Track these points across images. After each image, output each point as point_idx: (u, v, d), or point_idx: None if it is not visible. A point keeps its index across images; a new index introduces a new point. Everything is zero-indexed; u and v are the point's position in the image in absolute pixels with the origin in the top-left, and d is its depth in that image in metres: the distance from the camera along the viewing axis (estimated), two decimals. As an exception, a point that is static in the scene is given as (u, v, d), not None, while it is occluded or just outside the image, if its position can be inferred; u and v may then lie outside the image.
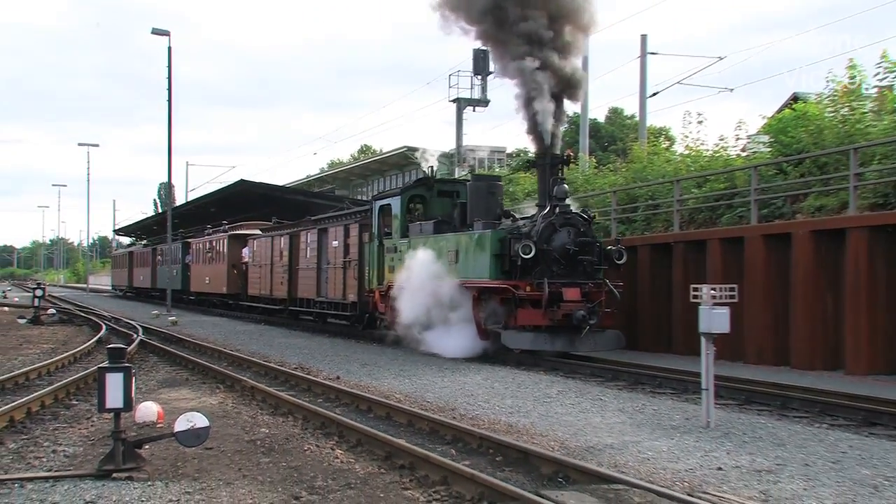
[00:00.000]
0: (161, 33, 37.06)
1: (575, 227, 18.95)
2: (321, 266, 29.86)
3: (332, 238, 28.51)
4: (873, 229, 17.54)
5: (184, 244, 49.15)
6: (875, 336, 17.25)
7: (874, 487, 8.24)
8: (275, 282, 34.69)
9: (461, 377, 16.51)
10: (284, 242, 33.65)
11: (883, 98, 21.72)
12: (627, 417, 11.98)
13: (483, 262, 19.40)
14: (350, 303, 26.85)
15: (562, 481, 8.67)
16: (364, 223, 26.40)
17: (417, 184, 24.45)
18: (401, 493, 8.40)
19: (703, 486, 8.25)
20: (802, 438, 10.50)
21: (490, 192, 21.56)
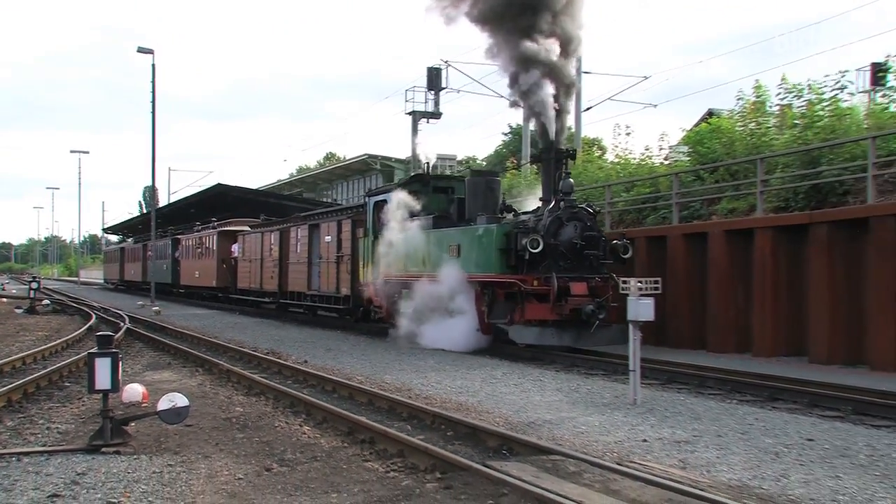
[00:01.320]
0: (145, 52, 36.55)
1: (581, 222, 17.14)
2: (312, 260, 28.07)
3: (324, 234, 26.69)
4: (776, 229, 17.82)
5: (173, 240, 47.65)
6: (778, 322, 17.48)
7: (776, 454, 8.35)
8: (265, 276, 32.96)
9: (416, 361, 16.47)
10: (275, 238, 31.92)
11: (784, 115, 22.06)
12: (564, 396, 12.01)
13: (488, 256, 17.58)
14: (343, 296, 25.11)
15: (506, 453, 8.68)
16: (357, 219, 24.72)
17: (413, 180, 22.39)
18: (362, 465, 8.36)
19: (630, 456, 8.29)
20: (716, 413, 10.59)
21: (488, 188, 19.77)
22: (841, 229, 16.50)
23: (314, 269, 27.71)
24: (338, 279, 25.17)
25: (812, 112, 20.54)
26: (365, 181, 61.34)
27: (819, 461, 8.05)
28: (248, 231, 36.25)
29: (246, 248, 35.54)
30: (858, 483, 7.27)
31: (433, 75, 35.11)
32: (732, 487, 7.17)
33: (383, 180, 55.70)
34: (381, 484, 7.60)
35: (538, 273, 16.68)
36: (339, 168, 66.15)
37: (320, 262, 26.82)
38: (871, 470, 7.73)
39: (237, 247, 36.86)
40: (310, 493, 7.25)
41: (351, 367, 15.42)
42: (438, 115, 37.75)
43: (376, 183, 57.47)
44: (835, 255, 16.56)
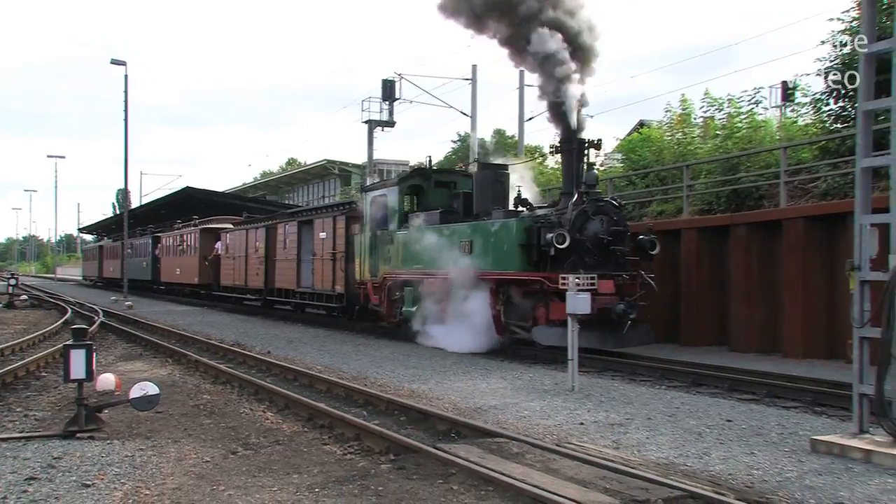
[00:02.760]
0: (118, 63, 35.94)
1: (607, 216, 15.05)
2: (301, 258, 25.71)
3: (318, 230, 24.25)
4: (700, 229, 18.08)
5: (153, 238, 45.51)
6: (702, 314, 17.71)
7: (699, 434, 8.45)
8: (250, 273, 30.50)
9: (372, 351, 16.42)
10: (260, 235, 29.46)
11: (707, 126, 22.41)
12: (508, 384, 12.05)
13: (507, 252, 15.28)
14: (337, 294, 22.76)
15: (454, 436, 8.69)
16: (351, 215, 22.36)
17: (414, 174, 20.18)
18: (321, 448, 8.32)
19: (568, 438, 8.34)
20: (646, 398, 10.70)
21: (498, 181, 17.50)
22: (757, 230, 16.78)
23: (305, 266, 25.51)
24: (333, 277, 22.94)
25: (732, 124, 20.91)
26: (324, 185, 61.15)
27: (737, 440, 8.17)
28: (232, 228, 34.09)
29: (229, 245, 33.36)
30: (770, 459, 7.40)
31: (388, 87, 35.10)
32: (660, 465, 7.25)
33: (341, 184, 55.55)
34: (339, 465, 7.56)
35: (563, 270, 14.32)
36: (299, 173, 65.86)
37: (313, 259, 24.53)
38: (781, 447, 7.87)
39: (220, 244, 34.80)
40: (272, 475, 7.19)
41: (311, 358, 15.33)
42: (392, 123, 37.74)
43: (334, 187, 57.25)
44: (752, 254, 16.84)
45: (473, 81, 33.46)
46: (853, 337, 7.74)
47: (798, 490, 6.42)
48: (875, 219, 7.67)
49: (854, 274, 7.69)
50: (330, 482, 6.91)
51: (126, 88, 35.83)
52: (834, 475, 6.83)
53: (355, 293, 21.42)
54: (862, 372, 7.58)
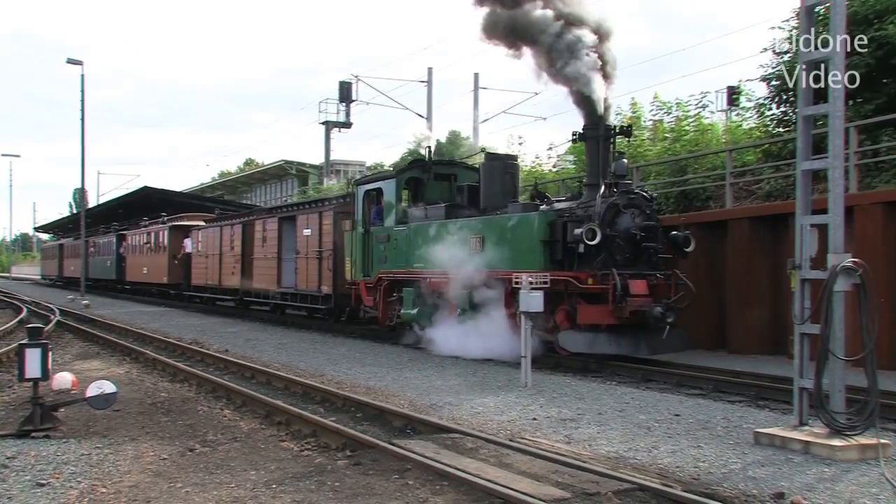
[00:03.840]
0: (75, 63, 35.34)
1: (639, 209, 13.49)
2: (283, 256, 23.66)
3: (301, 227, 22.28)
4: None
5: (118, 236, 43.12)
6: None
7: (648, 428, 8.55)
8: (224, 272, 28.18)
9: (329, 349, 16.36)
10: (236, 232, 27.27)
11: (656, 129, 22.68)
12: (463, 380, 12.07)
13: (527, 249, 13.72)
14: (324, 295, 20.82)
15: (410, 432, 8.70)
16: (340, 211, 20.48)
17: (413, 165, 18.36)
18: (278, 445, 8.28)
19: (522, 433, 8.38)
20: (597, 393, 10.78)
21: (507, 173, 15.87)
22: (704, 230, 16.98)
23: (286, 266, 23.52)
24: (319, 276, 20.96)
25: (680, 127, 21.19)
26: (281, 185, 60.80)
27: (684, 433, 8.28)
28: (204, 226, 31.88)
29: (201, 242, 31.07)
30: (716, 451, 7.51)
31: (344, 89, 35.03)
32: (610, 459, 7.32)
33: (298, 184, 55.22)
34: (296, 461, 7.54)
35: (592, 269, 13.04)
36: (257, 173, 65.38)
37: (297, 257, 22.54)
38: (726, 439, 7.99)
39: (190, 241, 32.61)
40: (230, 471, 7.14)
41: (268, 356, 15.23)
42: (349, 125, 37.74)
43: (292, 187, 56.88)
44: (699, 253, 17.01)
45: (429, 84, 33.52)
46: (794, 333, 7.88)
47: (742, 481, 6.53)
48: (815, 219, 7.82)
49: (795, 273, 7.83)
50: (287, 478, 6.88)
51: (83, 88, 35.27)
52: (775, 466, 6.96)
53: (345, 294, 19.68)
54: (802, 367, 7.72)
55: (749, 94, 21.54)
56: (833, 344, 7.40)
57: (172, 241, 34.23)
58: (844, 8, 7.71)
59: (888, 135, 15.01)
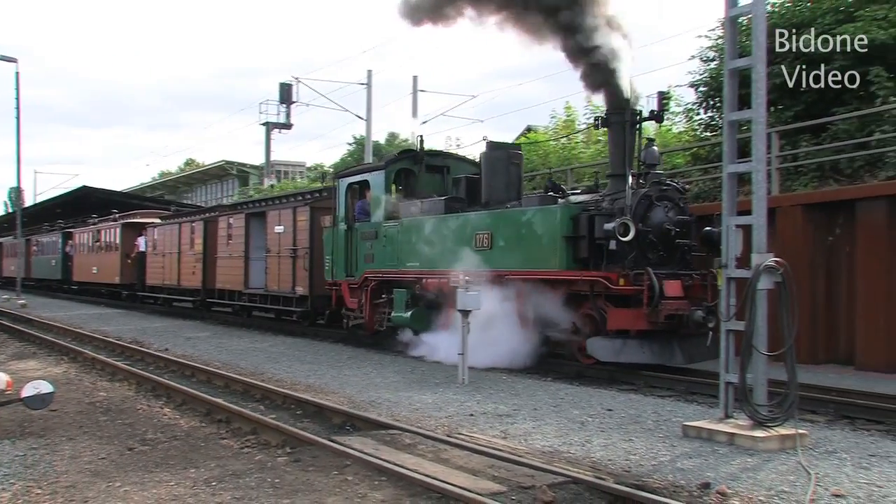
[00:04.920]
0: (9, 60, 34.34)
1: (673, 203, 12.06)
2: (251, 255, 21.58)
3: (272, 223, 20.40)
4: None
5: (64, 234, 40.15)
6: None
7: (582, 423, 8.63)
8: (184, 271, 25.96)
9: (269, 347, 16.20)
10: (197, 229, 25.22)
11: (589, 132, 22.96)
12: (402, 378, 12.05)
13: (547, 246, 12.22)
14: (299, 296, 19.01)
15: (349, 429, 8.66)
16: (317, 206, 18.75)
17: (403, 156, 16.52)
18: (218, 442, 8.17)
19: (459, 429, 8.40)
20: (533, 390, 10.85)
21: (512, 164, 14.15)
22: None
23: (255, 265, 21.52)
24: (293, 276, 19.16)
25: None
26: (222, 185, 60.10)
27: (616, 427, 8.39)
28: (160, 223, 29.76)
29: (157, 240, 28.74)
30: (646, 444, 7.62)
31: (285, 90, 34.75)
32: (545, 453, 7.38)
33: (239, 184, 54.64)
34: (236, 459, 7.45)
35: (624, 268, 11.49)
36: (198, 173, 64.58)
37: (267, 256, 20.56)
38: (656, 433, 8.11)
39: (143, 239, 30.20)
40: (169, 470, 7.02)
41: (209, 355, 15.01)
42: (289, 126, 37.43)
43: (233, 187, 56.25)
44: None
45: (369, 86, 33.40)
46: (721, 330, 8.04)
47: (671, 472, 6.64)
48: (740, 220, 7.99)
49: (721, 272, 7.99)
50: (227, 476, 6.79)
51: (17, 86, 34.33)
52: (702, 457, 7.09)
53: (323, 295, 18.00)
54: (728, 362, 7.88)
55: (678, 99, 21.93)
56: (756, 340, 7.56)
57: (125, 239, 31.85)
58: (765, 19, 7.89)
59: (806, 140, 15.45)
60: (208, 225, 24.67)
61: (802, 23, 15.84)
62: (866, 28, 14.70)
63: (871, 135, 14.45)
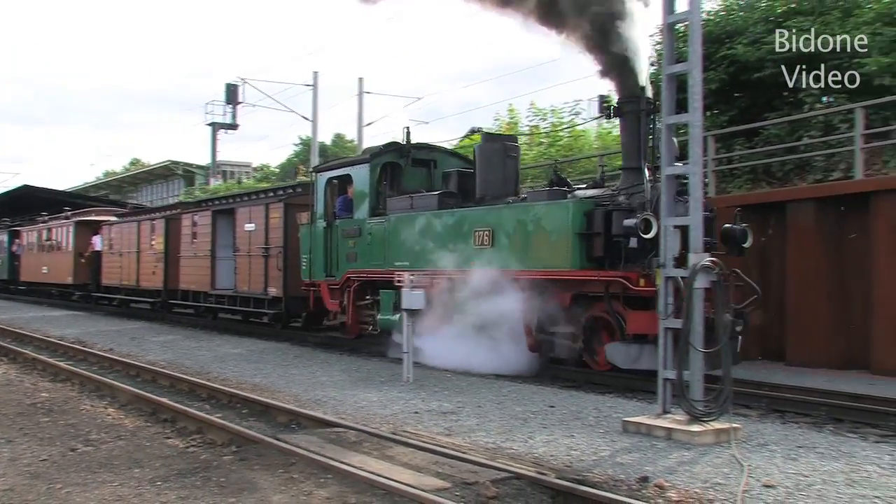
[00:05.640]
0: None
1: None
2: (218, 254, 20.28)
3: (242, 221, 19.15)
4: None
5: (10, 233, 37.96)
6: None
7: (524, 420, 8.66)
8: (143, 271, 24.32)
9: (216, 347, 15.97)
10: (158, 227, 23.67)
11: (532, 134, 23.14)
12: (347, 376, 11.97)
13: (557, 244, 11.18)
14: (272, 298, 17.83)
15: (295, 427, 8.60)
16: (292, 203, 17.62)
17: (389, 149, 15.01)
18: (164, 442, 8.04)
19: (404, 427, 8.38)
20: (477, 387, 10.84)
21: (509, 157, 13.27)
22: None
23: (222, 264, 20.21)
24: (266, 277, 17.93)
25: (555, 133, 21.66)
26: (167, 185, 59.23)
27: (558, 423, 8.44)
28: (117, 221, 28.11)
29: (114, 239, 27.04)
30: (587, 440, 7.68)
31: (231, 90, 34.38)
32: (489, 449, 7.39)
33: (185, 185, 53.85)
34: (181, 458, 7.33)
35: (643, 268, 10.27)
36: (143, 173, 63.49)
37: (237, 255, 19.29)
38: (597, 428, 8.18)
39: (99, 238, 28.39)
40: (113, 470, 6.88)
41: (154, 354, 14.75)
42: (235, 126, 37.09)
43: (178, 187, 55.40)
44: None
45: (315, 87, 33.24)
46: (659, 327, 8.14)
47: (611, 467, 6.71)
48: (677, 221, 8.11)
49: (660, 271, 8.10)
50: (172, 475, 6.68)
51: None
52: (641, 452, 7.18)
53: (298, 297, 16.93)
54: (666, 359, 7.99)
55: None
56: (693, 337, 7.68)
57: (79, 238, 29.83)
58: (701, 26, 8.02)
59: (740, 144, 15.77)
60: (171, 223, 23.29)
61: (736, 31, 16.17)
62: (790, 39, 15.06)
63: (800, 139, 14.81)
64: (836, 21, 14.89)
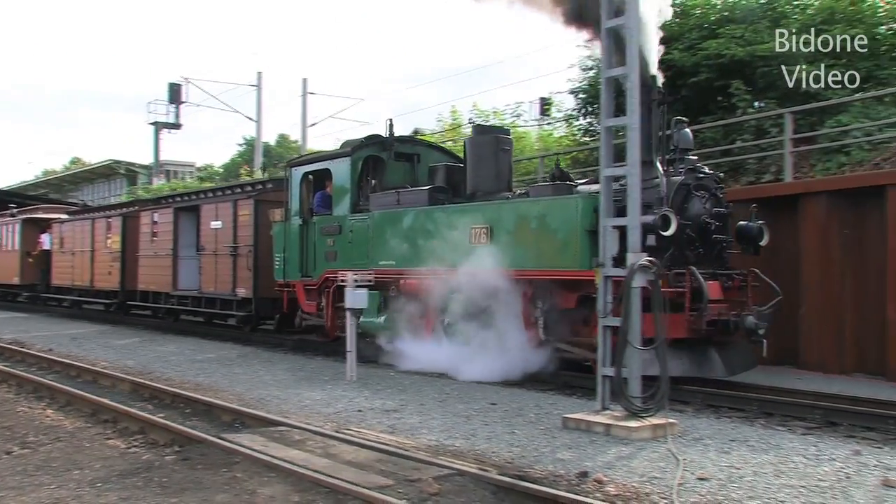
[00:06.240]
0: None
1: (710, 193, 10.35)
2: (180, 253, 19.18)
3: (207, 218, 18.12)
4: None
5: None
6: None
7: (467, 417, 8.68)
8: (98, 271, 22.95)
9: (157, 346, 15.70)
10: (115, 225, 22.36)
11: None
12: (291, 375, 11.88)
13: (564, 242, 10.25)
14: (241, 299, 16.77)
15: (239, 426, 8.48)
16: (263, 199, 16.61)
17: (371, 141, 13.96)
18: (104, 443, 7.87)
19: (347, 424, 8.34)
20: (419, 385, 10.84)
21: (501, 150, 12.29)
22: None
23: (185, 264, 19.08)
24: (234, 277, 16.91)
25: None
26: (109, 185, 58.08)
27: (500, 420, 8.47)
28: (69, 218, 26.58)
29: (65, 238, 25.56)
30: (528, 436, 7.73)
31: (174, 90, 33.89)
32: (431, 446, 7.39)
33: (127, 184, 52.85)
34: (122, 459, 7.19)
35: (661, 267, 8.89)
36: (84, 172, 62.10)
37: (201, 254, 18.27)
38: (538, 425, 8.24)
39: (48, 237, 27.03)
40: (51, 472, 6.71)
41: (95, 354, 14.43)
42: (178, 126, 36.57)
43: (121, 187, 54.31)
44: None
45: (259, 87, 32.95)
46: (598, 325, 8.23)
47: (551, 462, 6.76)
48: (616, 222, 8.21)
49: (599, 271, 8.19)
50: (113, 476, 6.55)
51: None
52: (580, 447, 7.25)
53: (270, 298, 16.03)
54: (605, 356, 8.09)
55: (559, 105, 22.44)
56: (631, 335, 7.78)
57: (26, 236, 28.15)
58: (638, 31, 8.14)
59: (676, 146, 16.00)
60: (128, 221, 21.96)
61: (672, 37, 16.43)
62: (727, 45, 15.40)
63: (734, 143, 15.12)
64: (766, 30, 15.26)
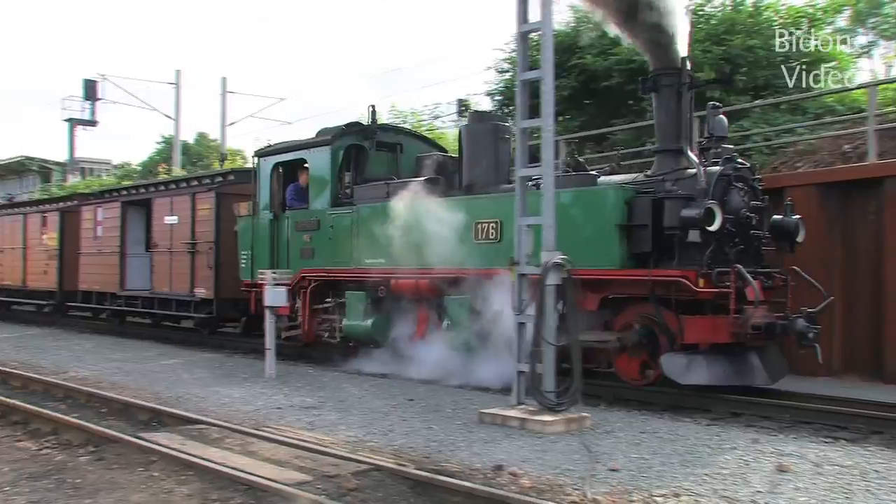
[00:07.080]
0: None
1: (747, 184, 9.27)
2: (129, 251, 17.74)
3: (160, 213, 16.63)
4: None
5: None
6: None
7: (385, 413, 8.64)
8: (32, 270, 21.16)
9: (73, 345, 15.23)
10: (51, 221, 20.65)
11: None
12: (210, 373, 11.67)
13: (594, 238, 9.12)
14: (200, 300, 15.39)
15: (156, 425, 8.29)
16: (225, 192, 15.19)
17: (352, 129, 12.64)
18: (14, 445, 7.58)
19: (267, 422, 8.24)
20: (339, 382, 10.78)
21: (501, 139, 11.10)
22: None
23: (135, 262, 17.66)
24: (192, 276, 15.51)
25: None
26: (21, 182, 55.96)
27: (418, 416, 8.48)
28: None
29: None
30: (445, 431, 7.76)
31: (90, 86, 32.88)
32: (350, 443, 7.35)
33: (41, 181, 51.03)
34: (33, 461, 6.93)
35: (701, 266, 8.56)
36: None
37: (154, 252, 16.81)
38: (455, 420, 8.27)
39: None
40: (-42, 476, 6.43)
41: (5, 354, 13.90)
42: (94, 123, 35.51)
43: (34, 184, 52.38)
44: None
45: (177, 86, 32.28)
46: (514, 322, 8.31)
47: (467, 457, 6.80)
48: (531, 220, 8.30)
49: (514, 268, 8.27)
50: (22, 479, 6.31)
51: None
52: (496, 441, 7.31)
53: (233, 299, 14.70)
54: (520, 352, 8.17)
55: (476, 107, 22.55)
56: (546, 332, 7.88)
57: None
58: (553, 36, 8.25)
59: (590, 148, 16.33)
60: (67, 216, 20.33)
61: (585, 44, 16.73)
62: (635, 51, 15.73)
63: (644, 144, 15.48)
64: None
